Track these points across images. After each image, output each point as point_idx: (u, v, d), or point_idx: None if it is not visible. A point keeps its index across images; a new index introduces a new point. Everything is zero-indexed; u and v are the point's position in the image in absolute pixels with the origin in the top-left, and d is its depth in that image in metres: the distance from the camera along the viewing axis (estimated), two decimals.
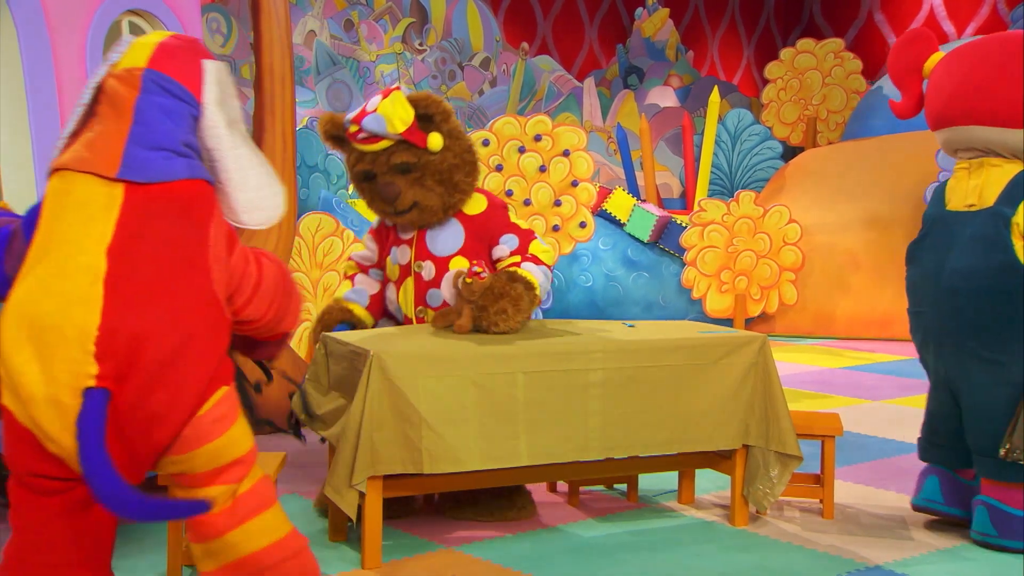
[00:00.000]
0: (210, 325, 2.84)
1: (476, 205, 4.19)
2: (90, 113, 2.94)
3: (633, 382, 3.95)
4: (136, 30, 5.50)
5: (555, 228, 7.16)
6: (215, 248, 2.91)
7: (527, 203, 7.09)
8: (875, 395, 6.91)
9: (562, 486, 4.65)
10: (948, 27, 13.35)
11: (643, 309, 9.38)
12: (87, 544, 2.78)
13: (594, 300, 9.36)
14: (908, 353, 8.57)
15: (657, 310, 9.39)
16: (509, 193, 7.04)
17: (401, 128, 3.91)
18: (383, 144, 3.95)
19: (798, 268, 9.21)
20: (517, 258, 4.07)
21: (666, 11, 12.96)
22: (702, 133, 11.15)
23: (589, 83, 12.11)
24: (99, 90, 2.95)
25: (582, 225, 7.32)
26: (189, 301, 2.80)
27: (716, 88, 11.29)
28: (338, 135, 4.11)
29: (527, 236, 4.15)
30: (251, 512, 2.94)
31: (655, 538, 4.05)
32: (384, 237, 4.27)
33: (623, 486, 4.68)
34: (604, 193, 9.57)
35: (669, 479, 4.75)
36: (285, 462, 3.81)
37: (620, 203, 9.55)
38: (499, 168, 7.02)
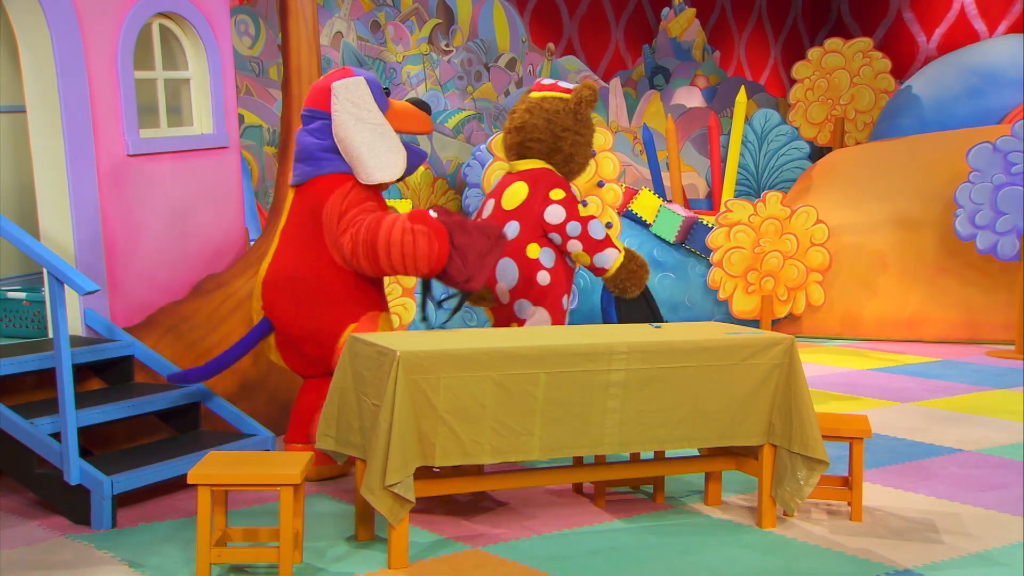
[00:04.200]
0: (327, 278, 4.44)
1: None
2: None
3: (654, 382, 3.97)
4: (166, 33, 5.54)
5: None
6: (328, 224, 4.42)
7: None
8: (903, 397, 6.86)
9: (588, 487, 4.65)
10: (979, 26, 13.23)
11: (669, 310, 9.35)
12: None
13: None
14: (936, 355, 8.49)
15: (683, 311, 9.36)
16: None
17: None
18: None
19: (825, 269, 9.15)
20: None
21: (692, 11, 12.91)
22: (728, 133, 11.09)
23: (615, 83, 12.08)
24: None
25: (608, 226, 7.29)
26: (309, 263, 4.45)
27: (743, 88, 11.22)
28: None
29: None
30: None
31: (681, 540, 4.04)
32: None
33: (649, 487, 4.68)
34: (630, 194, 9.55)
35: (696, 480, 4.74)
36: (313, 461, 3.83)
37: (646, 204, 9.52)
38: None
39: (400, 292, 6.61)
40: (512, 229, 4.93)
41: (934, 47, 13.57)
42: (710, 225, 9.29)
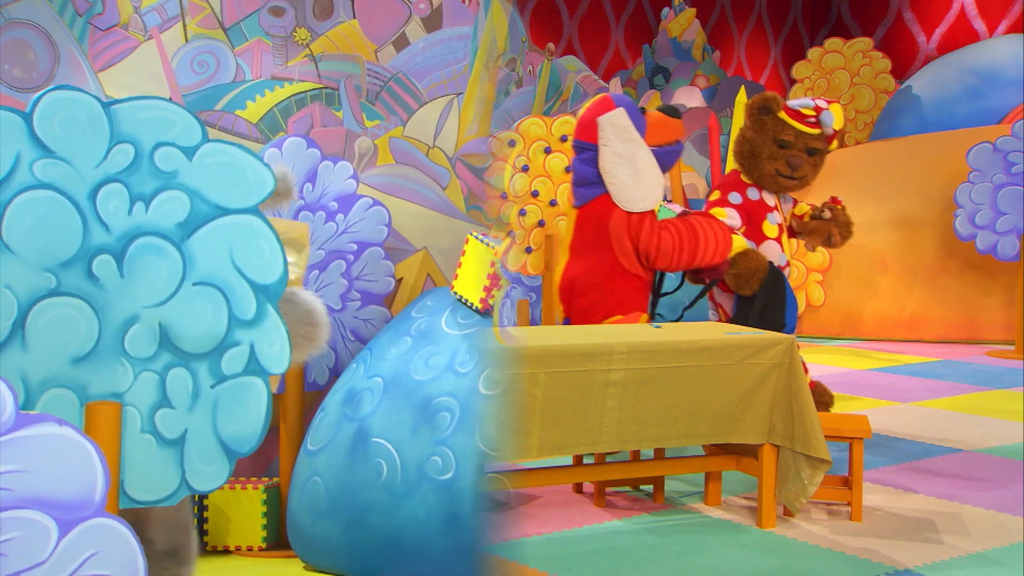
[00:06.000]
0: (608, 278, 5.10)
1: None
2: None
3: (653, 381, 3.97)
4: None
5: None
6: (615, 234, 5.09)
7: (553, 204, 7.08)
8: (903, 397, 6.86)
9: (588, 487, 4.65)
10: (979, 25, 13.22)
11: (669, 310, 9.33)
12: None
13: None
14: (936, 355, 8.49)
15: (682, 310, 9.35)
16: (535, 194, 7.03)
17: (835, 128, 5.60)
18: (814, 132, 5.57)
19: (825, 269, 9.15)
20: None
21: (692, 11, 12.91)
22: (728, 133, 11.08)
23: (615, 83, 12.07)
24: None
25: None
26: (596, 267, 5.11)
27: (743, 88, 11.20)
28: (769, 109, 5.61)
29: None
30: None
31: (681, 539, 4.04)
32: (750, 209, 5.70)
33: (649, 487, 4.67)
34: None
35: (696, 480, 4.73)
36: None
37: None
38: (525, 169, 7.01)
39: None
40: None
41: (934, 47, 13.57)
42: None
